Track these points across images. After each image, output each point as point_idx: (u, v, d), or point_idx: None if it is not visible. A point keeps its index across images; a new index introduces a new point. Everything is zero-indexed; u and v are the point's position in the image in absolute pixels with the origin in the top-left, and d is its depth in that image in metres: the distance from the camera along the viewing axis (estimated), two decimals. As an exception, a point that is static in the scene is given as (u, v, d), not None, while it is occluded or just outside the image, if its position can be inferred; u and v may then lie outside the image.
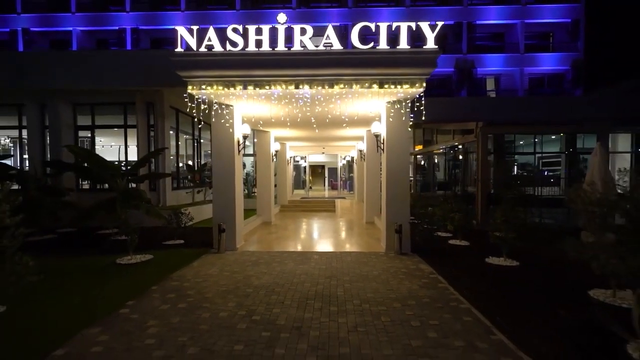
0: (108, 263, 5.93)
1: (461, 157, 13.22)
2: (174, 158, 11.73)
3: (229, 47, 5.78)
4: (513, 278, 5.12)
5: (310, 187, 25.07)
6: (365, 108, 7.29)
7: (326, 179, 28.05)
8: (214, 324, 3.58)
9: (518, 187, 6.22)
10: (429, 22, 5.66)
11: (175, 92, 9.79)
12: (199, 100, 6.50)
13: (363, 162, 12.32)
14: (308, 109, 7.27)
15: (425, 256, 6.37)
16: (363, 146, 12.28)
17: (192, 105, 6.45)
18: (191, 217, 8.21)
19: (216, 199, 7.06)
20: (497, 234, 5.86)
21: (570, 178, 11.04)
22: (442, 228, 8.43)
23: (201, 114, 6.91)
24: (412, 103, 6.67)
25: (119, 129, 11.00)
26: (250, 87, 5.92)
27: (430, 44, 5.61)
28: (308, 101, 6.68)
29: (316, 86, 5.86)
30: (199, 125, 12.98)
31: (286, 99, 6.55)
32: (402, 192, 6.86)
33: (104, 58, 10.05)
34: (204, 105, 6.64)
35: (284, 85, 5.88)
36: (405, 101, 6.64)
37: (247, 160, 15.67)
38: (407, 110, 6.74)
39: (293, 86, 5.88)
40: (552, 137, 13.12)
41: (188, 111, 6.77)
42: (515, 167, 14.20)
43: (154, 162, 10.54)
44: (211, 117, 6.95)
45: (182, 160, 13.00)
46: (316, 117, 8.27)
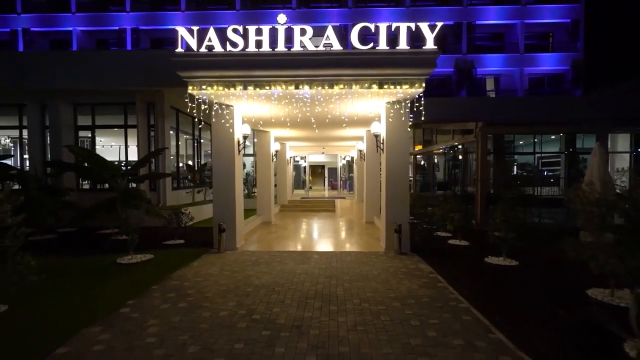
0: (108, 263, 5.95)
1: (461, 157, 13.23)
2: (174, 158, 11.75)
3: (229, 47, 5.80)
4: (512, 278, 5.14)
5: (310, 187, 25.07)
6: (365, 108, 7.31)
7: (326, 179, 28.05)
8: (214, 323, 3.60)
9: (517, 187, 6.24)
10: (428, 22, 5.68)
11: (175, 92, 9.81)
12: (199, 100, 6.51)
13: (363, 162, 12.34)
14: (308, 109, 7.29)
15: (425, 256, 6.40)
16: (363, 146, 12.30)
17: (193, 105, 6.47)
18: (191, 217, 8.23)
19: (216, 199, 7.08)
20: (496, 233, 5.88)
21: (569, 178, 11.06)
22: (441, 228, 8.45)
23: (201, 114, 6.93)
24: (412, 103, 6.69)
25: (119, 129, 11.03)
26: (251, 87, 5.94)
27: (430, 44, 5.63)
28: (308, 101, 6.70)
29: (316, 86, 5.88)
30: (199, 125, 13.00)
31: (286, 99, 6.57)
32: (401, 192, 6.88)
33: (104, 58, 10.06)
34: (204, 105, 6.66)
35: (284, 86, 5.91)
36: (405, 101, 6.66)
37: (247, 160, 15.69)
38: (407, 110, 6.77)
39: (293, 86, 5.90)
40: (551, 137, 13.14)
41: (188, 111, 6.79)
42: (514, 167, 14.22)
43: (154, 162, 10.56)
44: (211, 117, 6.97)
45: (182, 160, 13.01)
46: (316, 117, 8.29)
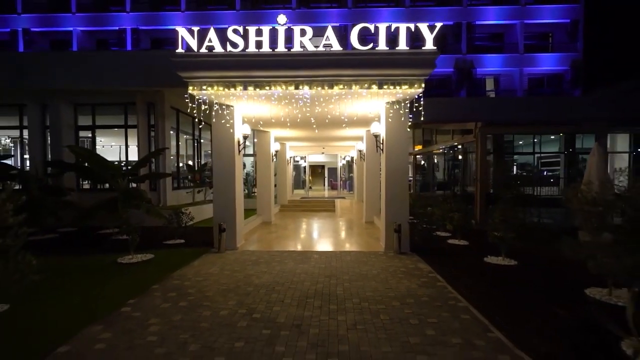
0: (109, 262, 5.97)
1: (460, 157, 13.26)
2: (174, 158, 11.77)
3: (229, 48, 5.82)
4: (511, 277, 5.16)
5: (310, 187, 25.09)
6: (365, 108, 7.34)
7: (326, 179, 28.07)
8: (214, 322, 3.62)
9: (517, 187, 6.27)
10: (428, 22, 5.71)
11: (175, 92, 9.82)
12: (199, 100, 6.54)
13: (363, 162, 12.37)
14: (308, 109, 7.32)
15: (424, 255, 6.42)
16: (363, 146, 12.33)
17: (193, 105, 6.49)
18: (191, 217, 8.25)
19: (216, 198, 7.11)
20: (495, 233, 5.90)
21: (569, 178, 11.09)
22: (441, 228, 8.47)
23: (202, 114, 6.95)
24: (412, 103, 6.71)
25: (120, 129, 11.05)
26: (251, 87, 5.96)
27: (429, 45, 5.65)
28: (308, 102, 6.72)
29: (316, 87, 5.90)
30: (199, 126, 13.01)
31: (286, 99, 6.60)
32: (401, 192, 6.91)
33: (104, 58, 10.09)
34: (204, 105, 6.68)
35: (284, 86, 5.93)
36: (405, 102, 6.69)
37: (247, 160, 15.70)
38: (406, 110, 6.80)
39: (293, 87, 5.92)
40: (551, 137, 13.17)
41: (188, 111, 6.80)
42: (514, 167, 14.24)
43: (155, 162, 10.58)
44: (211, 118, 6.99)
45: (183, 160, 13.03)
46: (316, 118, 8.31)
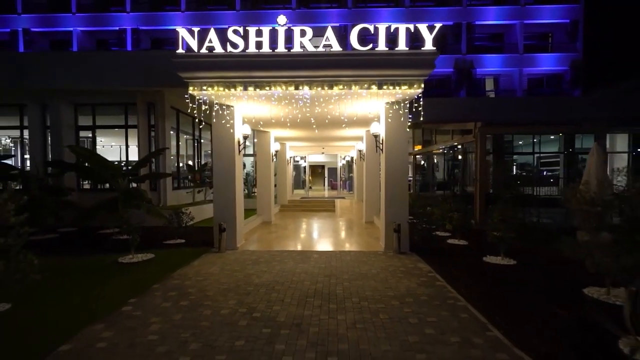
0: (110, 262, 5.99)
1: (460, 157, 13.28)
2: (174, 158, 11.79)
3: (229, 48, 5.84)
4: (510, 277, 5.19)
5: (310, 187, 25.11)
6: (365, 109, 7.36)
7: (326, 179, 28.10)
8: (215, 321, 3.65)
9: (516, 187, 6.29)
10: (427, 23, 5.73)
11: (176, 92, 9.84)
12: (199, 100, 6.56)
13: (362, 162, 12.38)
14: (308, 109, 7.34)
15: (424, 255, 6.44)
16: (362, 146, 12.35)
17: (193, 105, 6.51)
18: (192, 217, 8.27)
19: (217, 198, 7.13)
20: (495, 233, 5.92)
21: (568, 178, 11.10)
22: (440, 227, 8.49)
23: (202, 114, 6.97)
24: (411, 103, 6.73)
25: (120, 129, 11.07)
26: (251, 88, 5.98)
27: (429, 45, 5.67)
28: (308, 102, 6.74)
29: (316, 87, 5.92)
30: (199, 126, 13.03)
31: (286, 99, 6.62)
32: (401, 192, 6.93)
33: (104, 58, 10.11)
34: (204, 105, 6.70)
35: (284, 86, 5.95)
36: (404, 102, 6.71)
37: (247, 160, 15.72)
38: (406, 110, 6.82)
39: (293, 87, 5.94)
40: (550, 137, 13.18)
41: (189, 111, 6.82)
42: (514, 167, 14.26)
43: (155, 162, 10.59)
44: (212, 118, 7.02)
45: (183, 160, 13.05)
46: (316, 118, 8.33)
